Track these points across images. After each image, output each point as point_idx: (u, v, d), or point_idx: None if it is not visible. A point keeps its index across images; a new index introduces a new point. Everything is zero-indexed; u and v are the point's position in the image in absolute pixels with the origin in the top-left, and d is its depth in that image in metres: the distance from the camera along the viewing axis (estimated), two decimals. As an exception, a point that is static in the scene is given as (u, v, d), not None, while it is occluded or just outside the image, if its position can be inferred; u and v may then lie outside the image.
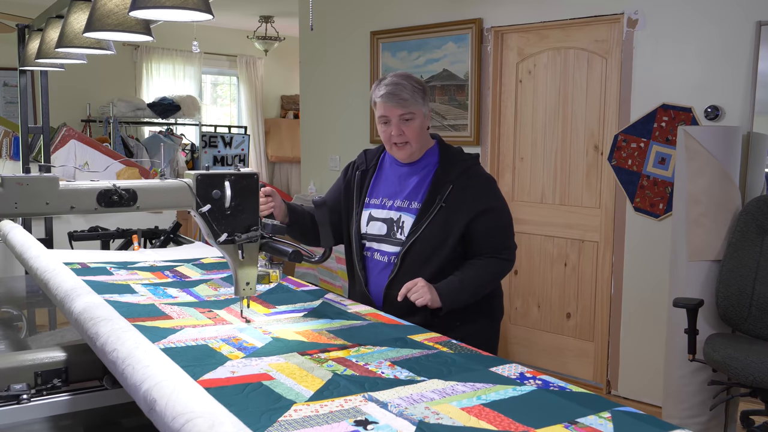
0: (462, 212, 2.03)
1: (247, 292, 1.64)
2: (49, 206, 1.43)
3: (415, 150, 2.08)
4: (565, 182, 4.15)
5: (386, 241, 2.11)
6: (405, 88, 2.01)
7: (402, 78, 2.05)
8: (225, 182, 1.54)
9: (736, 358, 2.80)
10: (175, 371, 1.16)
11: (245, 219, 1.58)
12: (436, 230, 2.03)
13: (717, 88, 3.48)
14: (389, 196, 2.14)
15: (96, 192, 1.46)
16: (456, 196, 2.04)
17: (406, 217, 2.08)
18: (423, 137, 2.09)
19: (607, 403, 1.20)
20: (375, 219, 2.14)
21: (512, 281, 4.45)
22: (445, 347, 1.50)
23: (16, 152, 5.79)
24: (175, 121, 7.62)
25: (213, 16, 1.66)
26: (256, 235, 1.59)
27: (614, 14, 3.82)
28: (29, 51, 3.05)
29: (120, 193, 1.47)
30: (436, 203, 2.03)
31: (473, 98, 4.42)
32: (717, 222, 3.18)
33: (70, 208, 1.45)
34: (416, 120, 2.04)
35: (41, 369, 1.48)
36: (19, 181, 1.39)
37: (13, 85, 6.64)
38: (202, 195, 1.53)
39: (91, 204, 1.47)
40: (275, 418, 1.10)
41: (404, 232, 2.07)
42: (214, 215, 1.54)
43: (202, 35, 7.29)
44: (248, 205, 1.58)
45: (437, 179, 2.07)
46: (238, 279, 1.62)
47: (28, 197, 1.40)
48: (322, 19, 5.29)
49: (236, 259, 1.60)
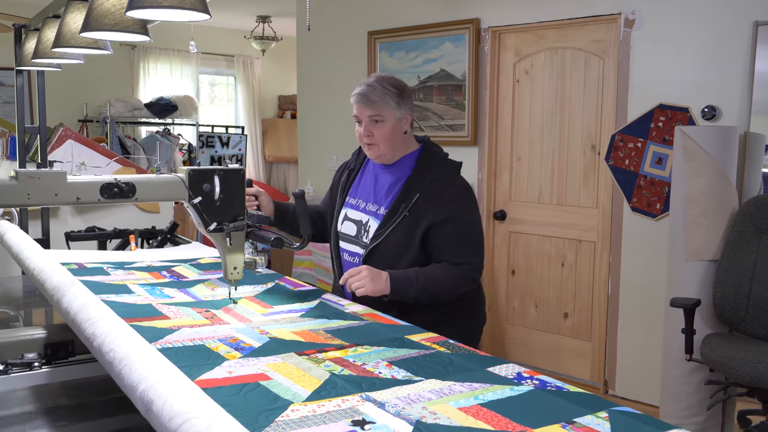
0: (423, 221, 2.02)
1: (234, 275, 1.81)
2: (58, 197, 1.58)
3: (385, 152, 2.09)
4: (562, 182, 4.15)
5: (354, 242, 2.16)
6: (376, 90, 2.03)
7: (378, 81, 2.06)
8: (215, 177, 1.71)
9: (733, 358, 2.80)
10: (172, 371, 1.16)
11: (233, 210, 1.75)
12: (398, 238, 2.04)
13: (714, 88, 3.48)
14: (364, 198, 2.18)
15: (99, 185, 1.61)
16: (420, 205, 2.03)
17: (372, 222, 2.11)
18: (395, 141, 2.08)
19: (604, 402, 1.20)
20: (349, 219, 2.20)
21: (510, 281, 4.45)
22: (442, 347, 1.50)
23: (13, 152, 5.78)
24: (172, 121, 7.61)
25: (210, 16, 1.66)
26: (242, 224, 1.76)
27: (611, 14, 3.82)
28: (26, 51, 3.04)
29: (121, 186, 1.61)
30: (400, 212, 2.04)
31: (470, 98, 4.42)
32: (714, 222, 3.19)
33: (77, 199, 1.60)
34: (386, 123, 2.05)
35: (50, 342, 1.67)
36: (31, 175, 1.55)
37: (10, 84, 6.63)
38: (194, 188, 1.69)
39: (95, 195, 1.61)
40: (272, 418, 1.09)
41: (369, 235, 2.10)
42: (204, 206, 1.71)
43: (199, 35, 7.28)
44: (235, 197, 1.75)
45: (407, 186, 2.07)
46: (227, 264, 1.79)
47: (39, 189, 1.56)
48: (320, 19, 5.29)
49: (225, 246, 1.77)
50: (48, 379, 1.61)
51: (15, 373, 1.57)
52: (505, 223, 4.44)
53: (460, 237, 2.05)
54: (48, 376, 1.61)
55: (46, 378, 1.61)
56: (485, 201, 4.46)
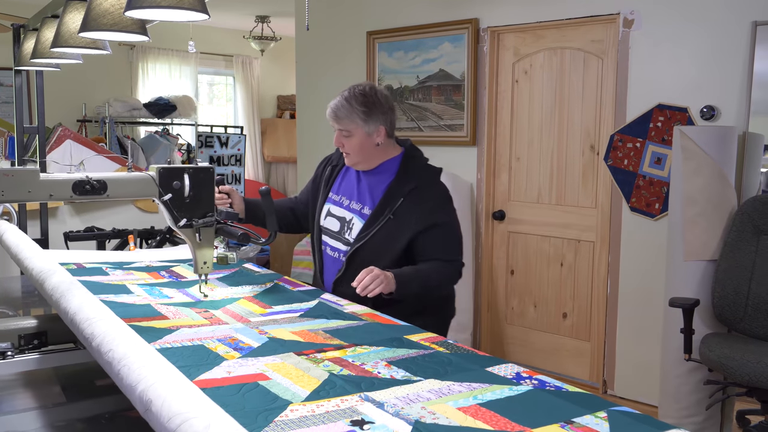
0: (409, 226, 2.10)
1: (204, 270, 1.86)
2: (31, 194, 1.64)
3: (359, 161, 2.19)
4: (561, 182, 4.16)
5: (337, 238, 2.23)
6: (343, 108, 2.14)
7: (347, 98, 2.16)
8: (184, 175, 1.76)
9: (731, 358, 2.80)
10: (171, 372, 1.16)
11: (202, 206, 1.80)
12: (382, 239, 2.12)
13: (713, 88, 3.48)
14: (347, 196, 2.25)
15: (71, 182, 1.67)
16: (405, 209, 2.11)
17: (356, 220, 2.19)
18: (366, 152, 2.17)
19: (603, 402, 1.20)
20: (332, 215, 2.27)
21: (509, 281, 4.45)
22: (441, 347, 1.50)
23: (12, 152, 5.77)
24: (171, 121, 7.61)
25: (209, 16, 1.66)
26: (211, 220, 1.81)
27: (610, 14, 3.82)
28: (25, 51, 3.04)
29: (92, 183, 1.68)
30: (385, 214, 2.12)
31: (469, 98, 4.42)
32: (713, 222, 3.19)
33: (49, 196, 1.66)
34: (354, 137, 2.15)
35: (23, 332, 1.74)
36: (6, 173, 1.61)
37: (9, 84, 6.62)
38: (164, 185, 1.75)
39: (67, 192, 1.67)
40: (271, 418, 1.09)
41: (353, 234, 2.18)
42: (174, 203, 1.76)
43: (198, 35, 7.27)
44: (205, 194, 1.80)
45: (391, 190, 2.15)
46: (197, 259, 1.84)
47: (13, 186, 1.62)
48: (319, 19, 5.29)
49: (194, 242, 1.82)
50: (21, 367, 1.70)
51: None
52: (504, 223, 4.44)
53: (448, 239, 2.17)
54: (21, 365, 1.70)
55: (19, 366, 1.70)
56: (484, 201, 4.46)
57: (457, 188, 4.40)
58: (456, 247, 2.19)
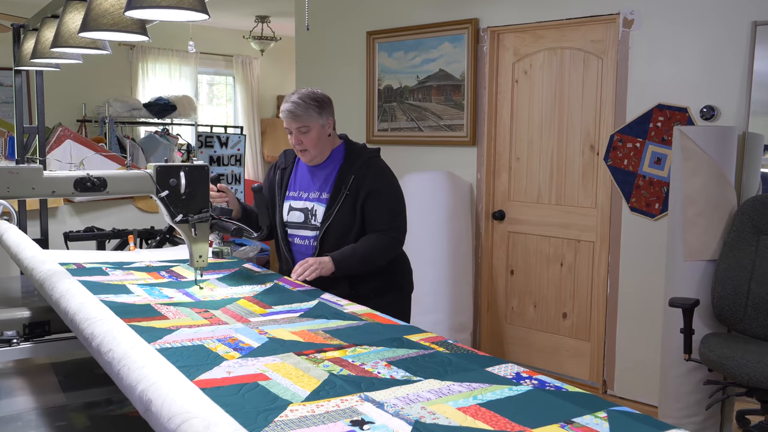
0: (361, 193, 2.42)
1: (200, 263, 1.95)
2: (35, 190, 1.72)
3: (316, 155, 2.46)
4: (561, 182, 4.16)
5: (303, 227, 2.50)
6: (299, 106, 2.39)
7: (300, 97, 2.41)
8: (180, 172, 1.84)
9: (731, 358, 2.80)
10: (171, 372, 1.16)
11: (197, 202, 1.89)
12: (344, 214, 2.42)
13: (713, 88, 3.48)
14: (304, 189, 2.53)
15: (73, 179, 1.74)
16: (357, 183, 2.43)
17: (318, 207, 2.47)
18: (322, 143, 2.45)
19: (603, 402, 1.20)
20: (294, 209, 2.53)
21: (508, 281, 4.45)
22: (441, 347, 1.50)
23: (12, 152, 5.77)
24: (171, 121, 7.61)
25: (209, 16, 1.66)
26: (206, 215, 1.90)
27: (610, 14, 3.82)
28: (24, 51, 3.04)
29: (93, 180, 1.75)
30: (341, 192, 2.42)
31: (469, 98, 4.42)
32: (713, 222, 3.19)
33: (52, 192, 1.74)
34: (312, 131, 2.41)
35: (28, 321, 1.86)
36: (10, 170, 1.69)
37: (9, 84, 6.62)
38: (161, 182, 1.83)
39: (68, 189, 1.74)
40: (271, 418, 1.09)
41: (317, 218, 2.46)
42: (171, 199, 1.84)
43: (198, 35, 7.27)
44: (200, 191, 1.89)
45: (342, 172, 2.45)
46: (192, 253, 1.93)
47: (17, 183, 1.69)
48: (318, 19, 5.29)
49: (190, 236, 1.91)
50: (26, 354, 1.81)
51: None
52: (503, 223, 4.44)
53: (388, 207, 2.46)
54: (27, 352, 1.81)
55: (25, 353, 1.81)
56: (484, 201, 4.46)
57: (457, 188, 4.40)
58: (396, 213, 2.47)
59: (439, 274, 4.25)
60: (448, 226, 4.31)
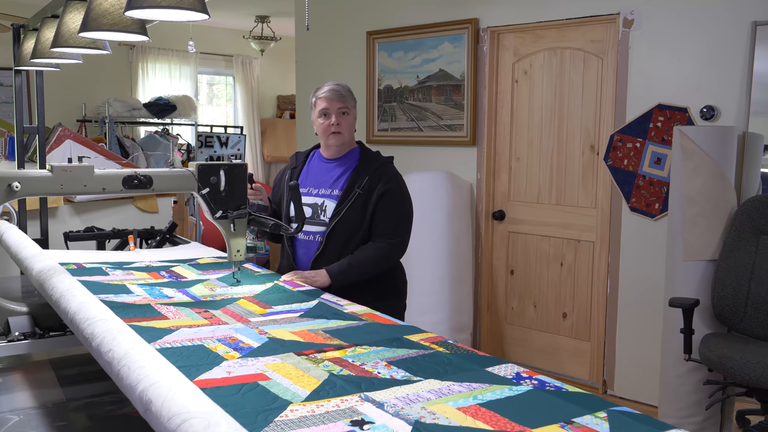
0: (373, 195, 2.45)
1: (237, 257, 2.02)
2: (87, 188, 1.81)
3: (347, 140, 2.52)
4: (561, 182, 4.16)
5: (311, 222, 2.50)
6: (344, 89, 2.53)
7: (338, 84, 2.55)
8: (220, 171, 1.93)
9: (731, 358, 2.80)
10: (170, 372, 1.16)
11: (236, 199, 1.97)
12: (354, 213, 2.43)
13: (712, 88, 3.48)
14: (315, 186, 2.55)
15: (121, 177, 1.85)
16: (370, 185, 2.46)
17: (328, 203, 2.48)
18: (352, 133, 2.54)
19: (603, 402, 1.20)
20: (304, 204, 2.48)
21: (508, 281, 4.45)
22: (441, 347, 1.50)
23: (12, 152, 5.77)
24: (170, 121, 7.60)
25: (209, 16, 1.66)
26: (244, 212, 1.98)
27: (610, 14, 3.82)
28: (24, 51, 3.04)
29: (140, 178, 1.86)
30: (354, 191, 2.45)
31: (469, 98, 4.42)
32: (712, 222, 3.19)
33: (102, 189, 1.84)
34: (350, 115, 2.52)
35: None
36: (64, 168, 1.78)
37: (9, 84, 6.62)
38: (202, 180, 1.92)
39: (117, 186, 1.84)
40: (271, 418, 1.09)
41: (327, 214, 2.47)
42: (211, 196, 1.93)
43: (198, 35, 7.27)
44: (238, 188, 1.97)
45: (357, 172, 2.49)
46: (231, 247, 2.00)
47: (70, 180, 1.79)
48: (319, 19, 5.29)
49: (229, 231, 1.98)
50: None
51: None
52: (503, 223, 4.44)
53: (396, 212, 2.48)
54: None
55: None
56: (484, 201, 4.46)
57: (456, 188, 4.40)
58: (401, 220, 2.49)
59: (439, 274, 4.25)
60: (448, 226, 4.31)
